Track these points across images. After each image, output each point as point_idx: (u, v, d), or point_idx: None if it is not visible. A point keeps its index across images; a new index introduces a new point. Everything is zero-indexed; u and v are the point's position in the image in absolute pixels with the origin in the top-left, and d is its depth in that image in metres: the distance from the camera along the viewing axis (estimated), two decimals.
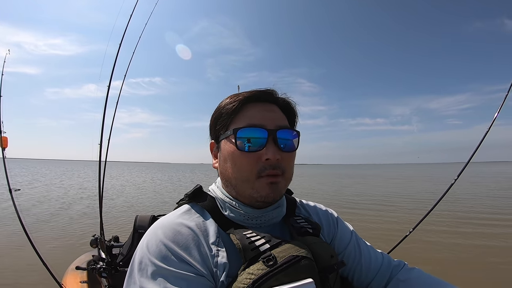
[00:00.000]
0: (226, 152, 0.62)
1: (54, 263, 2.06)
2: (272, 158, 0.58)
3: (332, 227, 0.74)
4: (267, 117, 0.62)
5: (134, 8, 2.30)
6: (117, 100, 2.36)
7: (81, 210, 8.22)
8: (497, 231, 5.85)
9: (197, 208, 0.64)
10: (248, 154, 0.59)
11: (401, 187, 16.76)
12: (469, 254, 4.63)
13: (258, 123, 0.60)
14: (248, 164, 0.59)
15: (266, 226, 0.64)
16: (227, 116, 0.63)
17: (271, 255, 0.51)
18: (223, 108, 0.64)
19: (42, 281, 2.96)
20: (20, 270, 3.71)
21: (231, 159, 0.61)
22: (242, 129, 0.60)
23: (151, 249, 0.53)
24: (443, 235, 5.59)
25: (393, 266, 0.72)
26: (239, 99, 0.63)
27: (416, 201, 10.38)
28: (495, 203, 9.19)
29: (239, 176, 0.60)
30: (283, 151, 0.61)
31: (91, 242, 2.09)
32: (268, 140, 0.60)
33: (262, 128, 0.60)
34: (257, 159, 0.59)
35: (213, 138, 0.69)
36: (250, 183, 0.60)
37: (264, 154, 0.59)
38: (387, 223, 6.85)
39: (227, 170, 0.63)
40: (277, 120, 0.63)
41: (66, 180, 19.98)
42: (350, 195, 12.73)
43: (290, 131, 0.64)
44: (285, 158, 0.61)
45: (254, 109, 0.63)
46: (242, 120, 0.62)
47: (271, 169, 0.59)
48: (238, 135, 0.59)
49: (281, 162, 0.60)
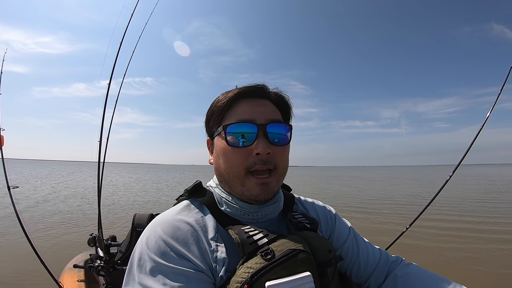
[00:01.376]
0: (218, 148, 0.64)
1: (50, 262, 2.05)
2: (262, 152, 0.59)
3: (330, 223, 0.75)
4: (257, 111, 0.62)
5: (135, 7, 2.31)
6: (116, 100, 2.36)
7: (69, 210, 8.14)
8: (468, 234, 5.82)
9: (196, 203, 0.64)
10: (238, 149, 0.60)
11: (383, 190, 16.82)
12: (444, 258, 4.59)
13: (247, 118, 0.61)
14: (238, 159, 0.60)
15: (263, 221, 0.64)
16: (218, 113, 0.64)
17: (269, 249, 0.52)
18: (215, 105, 0.65)
19: (39, 279, 2.95)
20: (18, 267, 3.70)
21: (222, 155, 0.62)
22: (232, 124, 0.60)
23: (150, 245, 0.54)
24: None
25: (391, 262, 0.73)
26: (229, 96, 0.63)
27: (397, 204, 10.39)
28: (471, 207, 9.11)
29: (230, 172, 0.61)
30: (275, 145, 0.61)
31: (88, 240, 2.09)
32: (258, 134, 0.60)
33: (252, 123, 0.60)
34: (247, 154, 0.60)
35: (209, 135, 0.70)
36: (240, 179, 0.60)
37: (255, 148, 0.59)
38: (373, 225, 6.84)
39: (220, 166, 0.64)
40: (268, 114, 0.63)
41: (56, 180, 19.79)
42: (330, 197, 12.73)
43: (281, 124, 0.64)
44: (277, 152, 0.62)
45: (244, 104, 0.63)
46: (232, 116, 0.62)
47: (261, 164, 0.59)
48: (228, 130, 0.60)
49: (272, 157, 0.60)
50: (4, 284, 3.34)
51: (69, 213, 7.70)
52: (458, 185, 16.15)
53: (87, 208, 8.43)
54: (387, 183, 22.95)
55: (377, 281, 0.71)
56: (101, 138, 2.22)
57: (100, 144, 2.21)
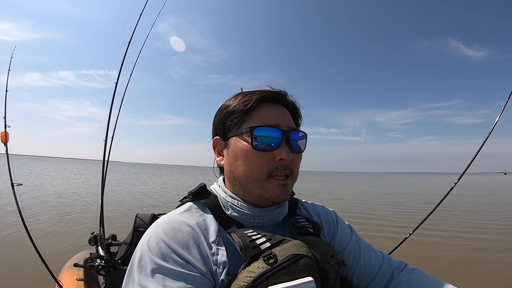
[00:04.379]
0: (238, 150, 0.61)
1: (49, 260, 2.05)
2: (286, 158, 0.59)
3: (332, 227, 0.75)
4: (281, 118, 0.63)
5: (145, 4, 2.34)
6: (122, 98, 2.38)
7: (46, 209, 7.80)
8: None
9: (199, 206, 0.64)
10: (262, 153, 0.59)
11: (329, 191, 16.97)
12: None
13: (273, 123, 0.61)
14: (261, 163, 0.59)
15: (268, 225, 0.64)
16: (240, 113, 0.62)
17: (272, 254, 0.52)
18: (238, 105, 0.64)
19: (38, 277, 2.95)
20: (17, 264, 3.72)
21: (243, 157, 0.60)
22: (259, 127, 0.60)
23: (151, 247, 0.54)
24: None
25: (394, 267, 0.72)
26: (254, 98, 0.62)
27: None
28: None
29: (250, 175, 0.60)
30: (294, 152, 0.62)
31: (89, 239, 2.08)
32: (282, 140, 0.60)
33: (278, 128, 0.61)
34: (270, 158, 0.60)
35: (220, 134, 0.67)
36: (260, 183, 0.60)
37: (278, 154, 0.59)
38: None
39: (237, 169, 0.62)
40: (289, 122, 0.64)
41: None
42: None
43: (300, 132, 0.65)
44: (295, 159, 0.63)
45: (269, 109, 0.63)
46: (257, 119, 0.62)
47: (283, 169, 0.60)
48: (255, 133, 0.59)
49: (291, 163, 0.61)
50: (3, 281, 3.36)
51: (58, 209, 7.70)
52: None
53: (75, 206, 8.26)
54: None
55: (378, 286, 0.70)
56: (106, 137, 2.23)
57: (105, 143, 2.23)
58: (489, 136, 1.88)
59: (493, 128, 1.90)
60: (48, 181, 17.08)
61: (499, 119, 1.91)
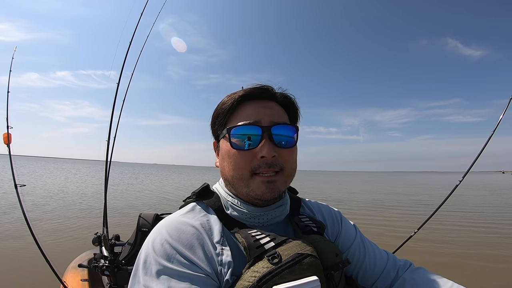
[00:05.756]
0: (223, 151, 0.64)
1: (54, 261, 2.06)
2: (267, 155, 0.58)
3: (336, 226, 0.74)
4: (262, 113, 0.61)
5: (145, 5, 2.34)
6: (124, 98, 2.38)
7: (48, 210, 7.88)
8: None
9: (202, 206, 0.64)
10: (242, 152, 0.59)
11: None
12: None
13: (252, 120, 0.60)
14: (243, 162, 0.59)
15: (269, 224, 0.64)
16: (223, 115, 0.64)
17: (276, 253, 0.52)
18: (220, 108, 0.65)
19: (42, 277, 2.96)
20: (22, 265, 3.73)
21: (227, 157, 0.62)
22: (236, 127, 0.60)
23: (155, 248, 0.54)
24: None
25: (399, 266, 0.72)
26: (234, 98, 0.63)
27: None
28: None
29: (235, 174, 0.61)
30: (281, 147, 0.60)
31: (93, 240, 2.09)
32: (262, 137, 0.59)
33: (256, 125, 0.60)
34: (252, 157, 0.59)
35: (215, 137, 0.70)
36: (244, 181, 0.60)
37: (259, 151, 0.59)
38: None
39: (224, 169, 0.64)
40: (273, 116, 0.62)
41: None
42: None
43: (286, 126, 0.62)
44: (283, 154, 0.61)
45: (250, 107, 0.63)
46: (237, 118, 0.62)
47: (266, 167, 0.58)
48: (232, 133, 0.60)
49: (278, 159, 0.60)
50: (9, 281, 3.38)
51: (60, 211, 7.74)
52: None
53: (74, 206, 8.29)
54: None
55: (383, 285, 0.69)
56: (109, 137, 2.24)
57: (108, 144, 2.24)
58: (493, 134, 1.87)
59: (497, 126, 1.89)
60: (50, 181, 17.16)
61: (503, 117, 1.90)
